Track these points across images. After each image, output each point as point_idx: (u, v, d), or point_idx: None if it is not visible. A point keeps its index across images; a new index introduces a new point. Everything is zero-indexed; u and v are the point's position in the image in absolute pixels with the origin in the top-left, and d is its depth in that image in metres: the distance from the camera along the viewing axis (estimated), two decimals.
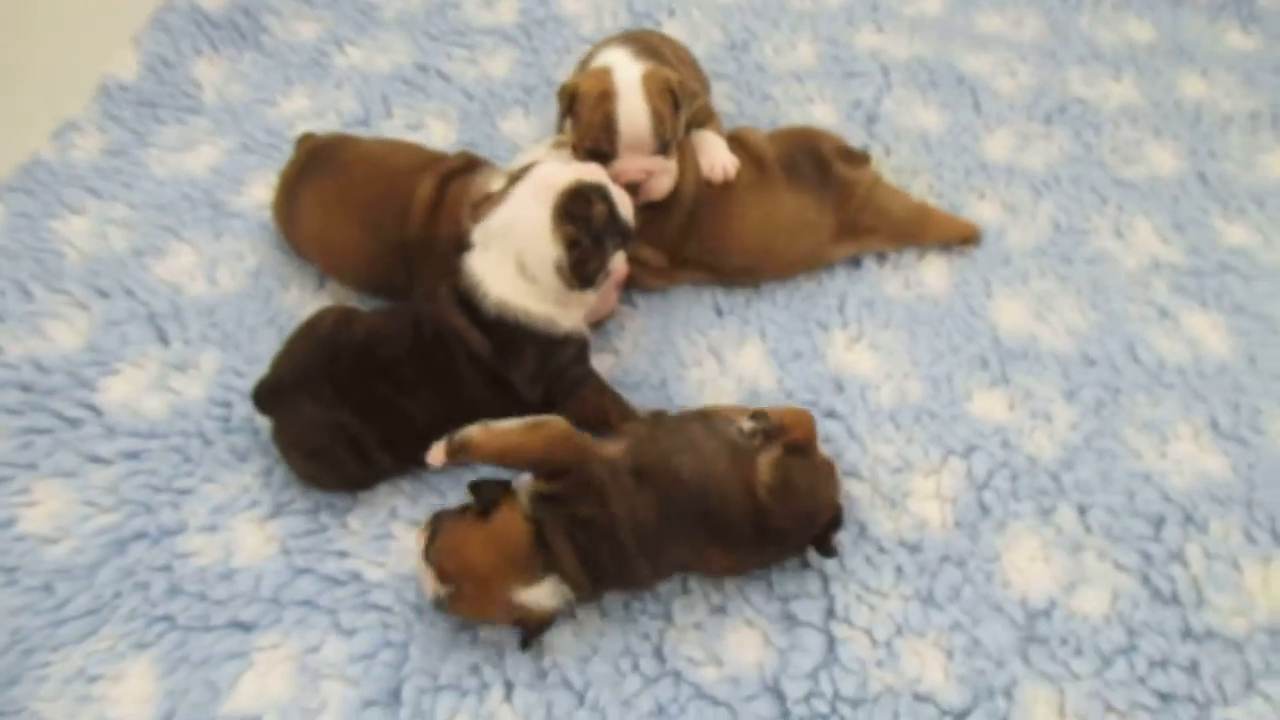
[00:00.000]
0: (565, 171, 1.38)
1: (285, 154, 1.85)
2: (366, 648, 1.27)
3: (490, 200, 1.40)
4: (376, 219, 1.55)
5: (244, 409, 1.50)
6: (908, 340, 1.63)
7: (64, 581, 1.33)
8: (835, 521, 1.31)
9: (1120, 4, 2.37)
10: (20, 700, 1.22)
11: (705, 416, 1.33)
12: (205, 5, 2.17)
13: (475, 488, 1.24)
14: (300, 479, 1.42)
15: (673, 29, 2.21)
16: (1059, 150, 1.98)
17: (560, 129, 1.67)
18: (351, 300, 1.65)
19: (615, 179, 1.47)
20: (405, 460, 1.40)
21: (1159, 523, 1.41)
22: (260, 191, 1.85)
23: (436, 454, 1.23)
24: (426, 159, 1.63)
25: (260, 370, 1.47)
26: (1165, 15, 2.34)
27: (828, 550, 1.30)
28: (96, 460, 1.45)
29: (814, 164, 1.69)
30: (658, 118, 1.52)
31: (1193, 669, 1.27)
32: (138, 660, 1.26)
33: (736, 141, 1.70)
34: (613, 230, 1.39)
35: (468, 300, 1.36)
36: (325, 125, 1.98)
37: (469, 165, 1.60)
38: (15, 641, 1.27)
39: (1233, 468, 1.48)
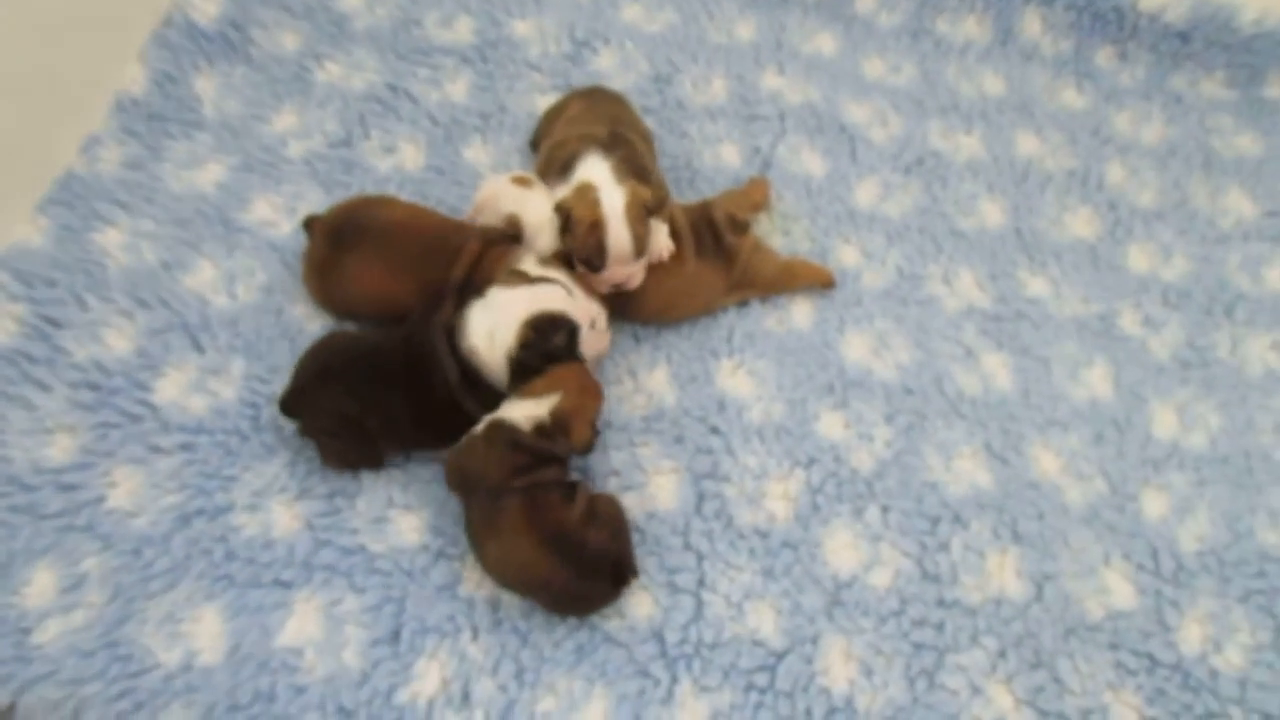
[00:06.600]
0: (562, 300, 1.82)
1: (282, 173, 2.24)
2: (374, 601, 1.79)
3: (516, 276, 1.85)
4: (424, 267, 1.97)
5: (269, 412, 1.95)
6: (776, 369, 2.15)
7: (148, 548, 1.79)
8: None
9: (982, 55, 2.83)
10: (131, 635, 1.71)
11: None
12: (199, 20, 2.46)
13: None
14: (326, 459, 1.88)
15: (607, 57, 2.62)
16: (911, 201, 2.47)
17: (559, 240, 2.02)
18: (348, 326, 2.09)
19: (606, 281, 1.95)
20: (395, 446, 1.90)
21: (936, 521, 1.98)
22: (262, 209, 2.23)
23: None
24: (451, 222, 2.08)
25: (280, 378, 1.94)
26: (1016, 69, 2.81)
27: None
28: (158, 450, 1.89)
29: (711, 234, 2.16)
30: (638, 240, 1.93)
31: (939, 627, 1.88)
32: (209, 608, 1.75)
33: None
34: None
35: (451, 334, 1.82)
36: (313, 145, 2.35)
37: (502, 239, 2.03)
38: (118, 593, 1.75)
39: (995, 482, 2.04)
